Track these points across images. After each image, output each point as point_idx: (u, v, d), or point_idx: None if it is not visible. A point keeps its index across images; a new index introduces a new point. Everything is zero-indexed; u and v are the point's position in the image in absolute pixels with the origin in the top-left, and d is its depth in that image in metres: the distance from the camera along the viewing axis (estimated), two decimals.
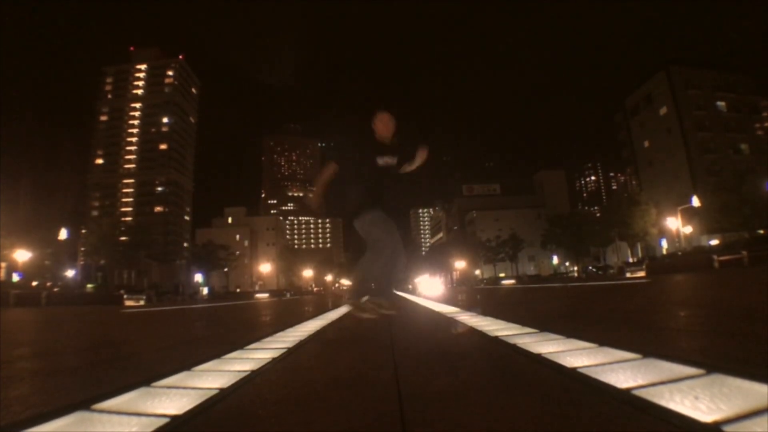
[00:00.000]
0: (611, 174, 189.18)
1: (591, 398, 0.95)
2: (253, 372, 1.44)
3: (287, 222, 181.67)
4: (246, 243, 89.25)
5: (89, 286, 43.47)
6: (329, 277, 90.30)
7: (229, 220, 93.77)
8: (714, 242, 33.95)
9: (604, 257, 55.03)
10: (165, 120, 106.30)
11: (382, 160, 3.05)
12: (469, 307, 4.97)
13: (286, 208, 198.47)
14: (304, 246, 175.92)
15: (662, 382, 0.99)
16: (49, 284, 40.11)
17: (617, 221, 41.63)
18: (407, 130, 3.27)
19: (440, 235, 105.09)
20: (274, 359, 1.72)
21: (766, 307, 2.74)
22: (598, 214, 57.21)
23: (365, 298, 2.87)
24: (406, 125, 3.25)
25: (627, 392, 0.94)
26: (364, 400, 1.04)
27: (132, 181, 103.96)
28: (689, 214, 33.69)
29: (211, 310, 9.59)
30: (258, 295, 40.50)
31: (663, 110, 50.31)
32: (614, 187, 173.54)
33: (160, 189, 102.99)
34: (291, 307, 9.34)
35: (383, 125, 3.11)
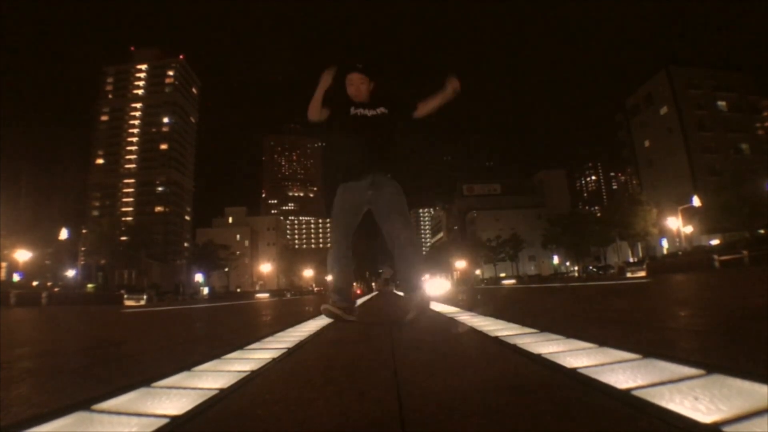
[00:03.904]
0: (612, 174, 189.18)
1: (591, 398, 0.95)
2: (253, 372, 1.44)
3: (288, 222, 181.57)
4: (246, 243, 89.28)
5: (89, 286, 43.55)
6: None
7: (230, 219, 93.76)
8: (715, 242, 33.96)
9: (604, 257, 55.02)
10: (165, 120, 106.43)
11: (356, 110, 2.83)
12: (469, 307, 4.96)
13: (287, 207, 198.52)
14: (304, 246, 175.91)
15: (662, 383, 0.99)
16: (49, 284, 40.21)
17: (618, 221, 41.69)
18: (387, 89, 2.95)
19: (440, 234, 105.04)
20: (274, 359, 1.72)
21: (766, 306, 2.74)
22: (598, 214, 57.22)
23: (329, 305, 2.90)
24: (384, 85, 2.94)
25: (627, 392, 0.94)
26: (364, 400, 1.04)
27: (132, 181, 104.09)
28: (690, 214, 33.66)
29: (211, 310, 9.60)
30: (258, 295, 40.54)
31: (663, 110, 50.30)
32: (615, 187, 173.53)
33: (160, 189, 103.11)
34: (291, 307, 9.34)
35: (354, 88, 2.80)
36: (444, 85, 2.76)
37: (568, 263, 65.11)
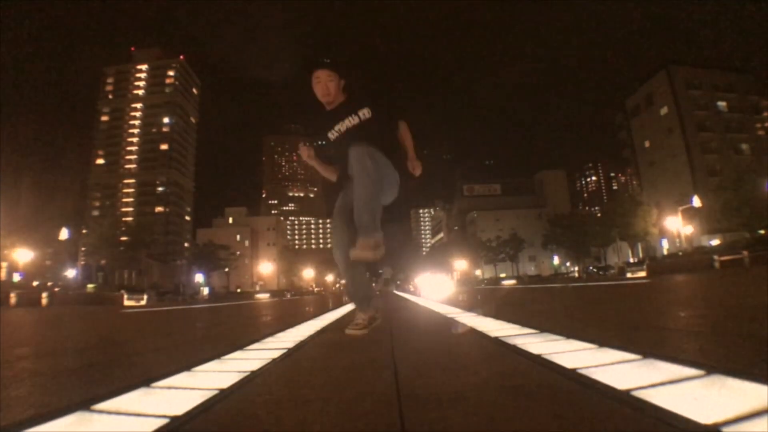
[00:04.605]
0: (612, 174, 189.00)
1: (591, 399, 0.95)
2: (253, 372, 1.44)
3: (288, 222, 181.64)
4: (246, 243, 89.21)
5: (90, 286, 43.46)
6: (330, 278, 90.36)
7: (230, 220, 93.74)
8: (715, 242, 33.91)
9: (604, 257, 54.99)
10: (166, 120, 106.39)
11: (334, 133, 2.46)
12: (469, 307, 4.96)
13: (287, 208, 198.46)
14: (304, 246, 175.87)
15: (662, 383, 0.99)
16: (49, 284, 40.15)
17: (618, 221, 41.64)
18: (359, 85, 2.54)
19: (441, 235, 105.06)
20: (274, 360, 1.72)
21: (766, 307, 2.74)
22: (598, 215, 57.20)
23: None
24: (356, 80, 2.52)
25: (627, 393, 0.94)
26: (364, 401, 1.04)
27: (133, 181, 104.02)
28: (690, 215, 33.64)
29: (211, 310, 9.60)
30: (258, 296, 40.52)
31: (664, 110, 50.28)
32: (615, 188, 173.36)
33: (160, 189, 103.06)
34: (291, 307, 9.34)
35: (320, 88, 2.42)
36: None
37: (568, 263, 65.03)
